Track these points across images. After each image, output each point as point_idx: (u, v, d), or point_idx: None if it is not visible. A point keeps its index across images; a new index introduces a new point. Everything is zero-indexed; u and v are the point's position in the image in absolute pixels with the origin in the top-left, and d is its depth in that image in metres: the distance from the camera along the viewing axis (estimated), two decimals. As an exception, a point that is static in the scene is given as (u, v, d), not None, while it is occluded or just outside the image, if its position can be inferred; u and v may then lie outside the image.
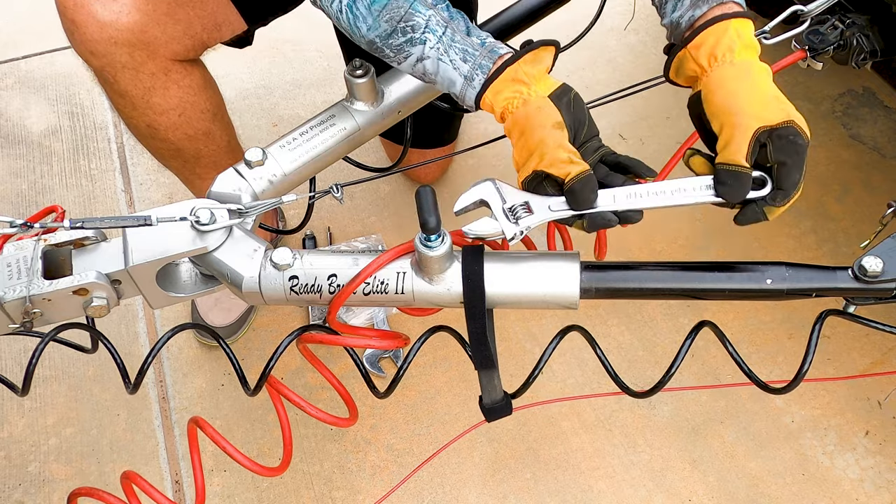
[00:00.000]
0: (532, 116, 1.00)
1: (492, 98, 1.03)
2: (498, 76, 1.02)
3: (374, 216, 2.16)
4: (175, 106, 1.51)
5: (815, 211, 2.10)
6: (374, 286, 1.00)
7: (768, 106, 0.98)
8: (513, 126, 1.02)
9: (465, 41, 1.05)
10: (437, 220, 0.93)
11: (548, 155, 0.98)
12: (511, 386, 1.12)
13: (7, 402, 1.86)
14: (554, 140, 0.98)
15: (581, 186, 0.96)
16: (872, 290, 0.96)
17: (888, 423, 1.76)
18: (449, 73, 1.06)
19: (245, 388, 1.11)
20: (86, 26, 1.36)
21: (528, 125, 1.00)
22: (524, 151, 1.01)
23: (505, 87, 1.02)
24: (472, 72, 1.04)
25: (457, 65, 1.05)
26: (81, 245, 1.03)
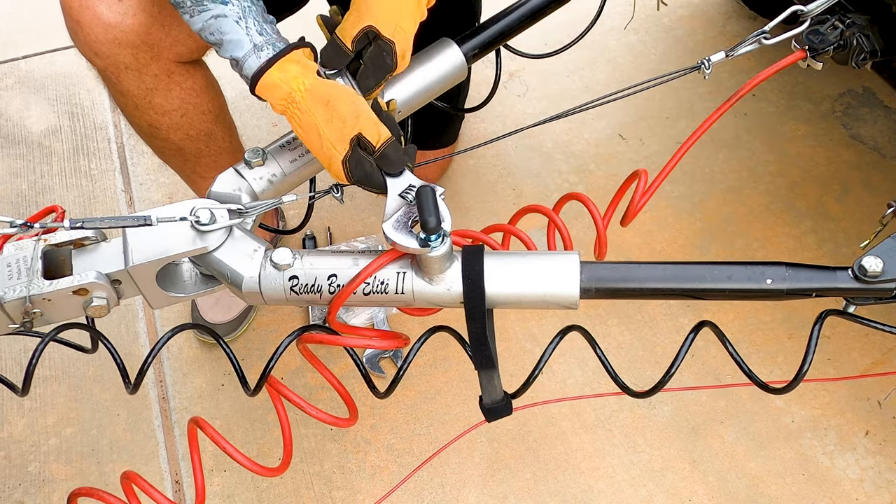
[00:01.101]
0: (335, 87, 1.06)
1: (279, 75, 1.07)
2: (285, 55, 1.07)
3: (374, 216, 2.16)
4: (177, 107, 1.51)
5: (815, 211, 2.10)
6: (374, 286, 1.00)
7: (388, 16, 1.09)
8: (314, 100, 1.05)
9: (264, 19, 1.11)
10: (437, 220, 0.93)
11: (362, 116, 1.02)
12: (511, 386, 1.12)
13: (7, 402, 1.86)
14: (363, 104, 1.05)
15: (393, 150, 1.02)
16: (872, 291, 0.96)
17: (888, 423, 1.76)
18: (239, 36, 1.09)
19: (245, 388, 1.11)
20: (90, 27, 1.36)
21: (334, 94, 1.04)
22: (335, 121, 1.03)
23: (293, 67, 1.07)
24: (264, 43, 1.09)
25: (251, 32, 1.09)
26: (81, 245, 1.03)
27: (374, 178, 1.04)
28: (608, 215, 1.28)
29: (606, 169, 2.20)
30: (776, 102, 2.36)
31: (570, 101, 2.32)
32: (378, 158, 1.02)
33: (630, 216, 1.26)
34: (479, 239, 1.12)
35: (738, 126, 2.29)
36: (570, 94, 2.37)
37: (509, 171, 2.22)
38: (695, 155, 2.16)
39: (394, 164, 1.02)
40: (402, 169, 1.03)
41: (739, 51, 1.20)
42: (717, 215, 2.11)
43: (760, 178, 2.18)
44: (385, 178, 1.04)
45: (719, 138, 2.25)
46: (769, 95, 2.37)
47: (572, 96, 2.35)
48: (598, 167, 2.21)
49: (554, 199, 1.29)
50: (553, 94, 2.37)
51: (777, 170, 2.20)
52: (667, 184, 1.97)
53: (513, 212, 1.27)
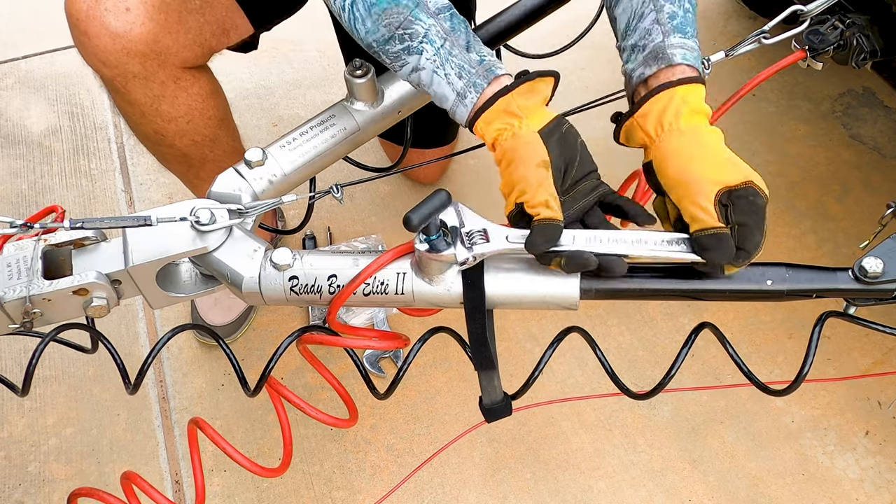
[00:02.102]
0: (519, 150, 0.99)
1: (483, 128, 1.02)
2: (490, 106, 1.00)
3: (374, 216, 2.16)
4: (183, 113, 1.51)
5: (815, 211, 2.10)
6: (374, 287, 1.00)
7: (724, 169, 0.97)
8: (501, 157, 1.01)
9: (462, 56, 1.03)
10: (420, 219, 0.92)
11: (527, 193, 0.96)
12: (511, 386, 1.12)
13: (7, 402, 1.86)
14: (536, 179, 0.97)
15: (539, 232, 0.95)
16: (873, 291, 0.96)
17: (888, 423, 1.76)
18: (442, 88, 1.04)
19: (245, 388, 1.11)
20: (98, 37, 1.35)
21: (514, 159, 0.99)
22: (508, 184, 0.99)
23: (496, 118, 1.01)
24: (465, 89, 1.02)
25: (451, 80, 1.03)
26: (81, 245, 1.03)
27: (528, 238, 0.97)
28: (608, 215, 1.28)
29: (606, 169, 2.18)
30: (776, 102, 2.36)
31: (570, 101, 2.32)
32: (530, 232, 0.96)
33: (630, 216, 1.26)
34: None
35: (738, 126, 2.29)
36: (570, 94, 2.36)
37: (509, 171, 2.22)
38: (695, 155, 2.15)
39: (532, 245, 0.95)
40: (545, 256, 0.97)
41: (739, 51, 1.20)
42: (717, 215, 2.11)
43: (760, 178, 2.18)
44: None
45: (719, 138, 2.25)
46: (769, 95, 2.37)
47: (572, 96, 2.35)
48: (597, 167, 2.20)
49: (554, 200, 1.29)
50: (553, 94, 2.37)
51: (777, 170, 2.20)
52: (667, 184, 1.97)
53: (513, 212, 1.27)
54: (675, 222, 1.01)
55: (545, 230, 0.95)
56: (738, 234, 0.95)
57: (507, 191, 0.99)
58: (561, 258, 0.96)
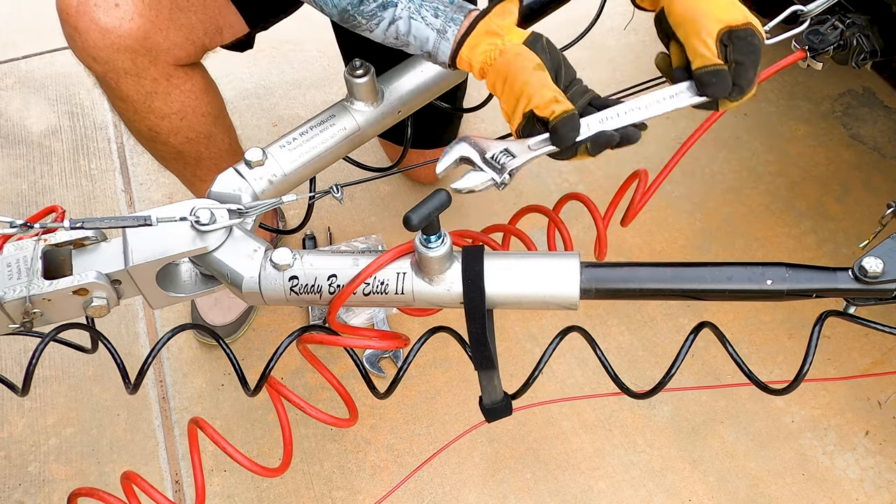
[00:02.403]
0: (512, 62, 1.03)
1: (468, 54, 1.06)
2: (471, 31, 1.05)
3: (374, 216, 2.16)
4: (176, 110, 1.51)
5: (815, 211, 2.10)
6: (374, 287, 1.00)
7: (727, 8, 1.03)
8: (496, 77, 1.04)
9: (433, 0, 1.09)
10: (420, 219, 0.92)
11: (535, 96, 1.00)
12: (511, 386, 1.12)
13: (7, 402, 1.86)
14: (538, 80, 1.01)
15: (563, 125, 0.98)
16: (873, 291, 0.96)
17: (888, 423, 1.76)
18: (422, 31, 1.08)
19: (245, 388, 1.11)
20: (88, 33, 1.36)
21: (510, 71, 1.02)
22: (511, 98, 1.02)
23: (480, 41, 1.05)
24: (444, 25, 1.07)
25: (429, 21, 1.07)
26: (81, 245, 1.03)
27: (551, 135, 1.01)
28: (608, 215, 1.29)
29: (606, 169, 2.20)
30: (776, 102, 2.36)
31: (570, 101, 2.32)
32: (551, 132, 1.00)
33: (630, 216, 1.27)
34: (479, 239, 1.12)
35: (738, 126, 2.29)
36: (570, 94, 2.36)
37: (509, 171, 2.22)
38: (695, 155, 2.16)
39: (563, 140, 1.00)
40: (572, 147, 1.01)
41: (739, 50, 1.20)
42: (717, 215, 2.11)
43: (760, 178, 2.18)
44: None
45: (719, 138, 2.25)
46: (769, 95, 2.36)
47: (572, 96, 2.35)
48: (598, 167, 2.21)
49: (554, 199, 1.29)
50: (553, 94, 2.37)
51: (777, 170, 2.20)
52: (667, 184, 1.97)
53: (513, 212, 1.28)
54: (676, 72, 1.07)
55: (568, 121, 0.99)
56: (735, 72, 1.01)
57: (512, 105, 1.02)
58: (586, 143, 1.01)
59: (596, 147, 1.01)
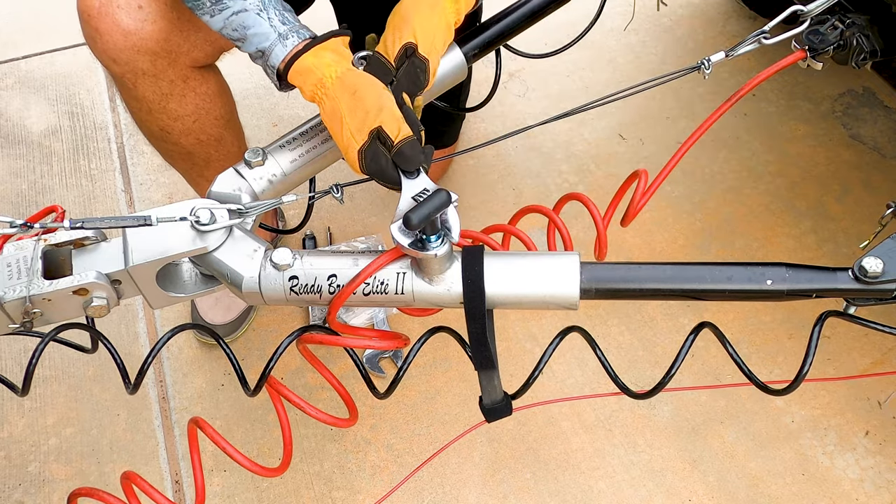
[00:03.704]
0: (362, 77, 1.07)
1: (313, 60, 1.07)
2: (321, 42, 1.08)
3: (374, 216, 2.16)
4: (190, 112, 1.51)
5: (815, 211, 2.10)
6: (373, 287, 1.00)
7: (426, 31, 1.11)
8: (342, 90, 1.05)
9: (283, 7, 1.11)
10: (420, 219, 0.92)
11: (385, 111, 1.02)
12: (511, 386, 1.12)
13: (7, 402, 1.86)
14: (389, 100, 1.04)
15: (409, 147, 1.01)
16: (873, 291, 0.96)
17: (888, 423, 1.76)
18: (264, 28, 1.10)
19: (245, 388, 1.11)
20: (109, 34, 1.36)
21: (361, 85, 1.05)
22: (360, 111, 1.04)
23: (327, 54, 1.08)
24: (288, 32, 1.10)
25: (274, 23, 1.10)
26: (81, 245, 1.03)
27: (387, 172, 1.03)
28: (608, 215, 1.28)
29: (606, 169, 2.20)
30: (776, 102, 2.36)
31: (570, 101, 2.32)
32: (395, 154, 1.01)
33: (630, 216, 1.26)
34: (479, 239, 1.12)
35: (738, 126, 2.29)
36: (570, 94, 2.37)
37: (509, 171, 2.22)
38: (695, 155, 2.16)
39: (409, 161, 1.01)
40: (418, 168, 1.02)
41: (739, 51, 1.20)
42: (717, 215, 2.11)
43: (760, 178, 2.18)
44: (400, 177, 1.03)
45: (719, 138, 2.25)
46: (769, 95, 2.37)
47: (572, 96, 2.35)
48: (598, 167, 2.21)
49: (554, 199, 1.29)
50: (553, 94, 2.37)
51: (777, 170, 2.20)
52: (667, 184, 1.97)
53: (513, 212, 1.27)
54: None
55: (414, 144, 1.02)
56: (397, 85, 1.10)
57: (360, 119, 1.03)
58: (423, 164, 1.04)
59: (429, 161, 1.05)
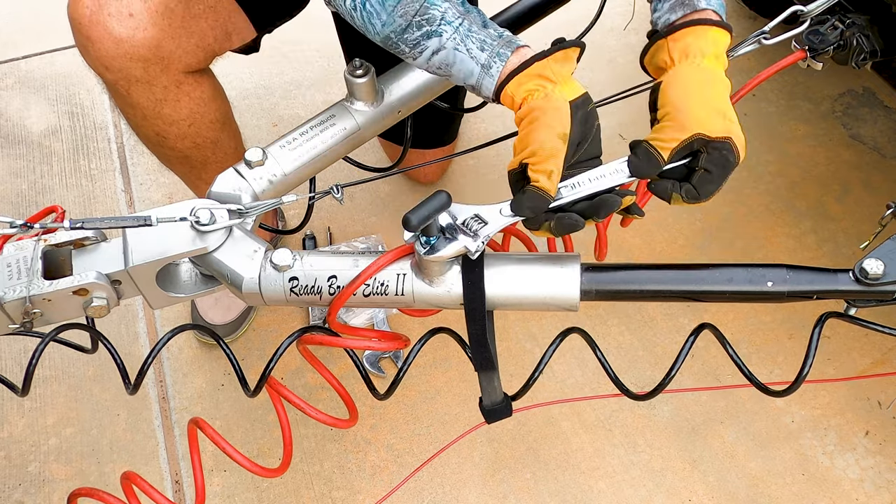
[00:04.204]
0: (547, 113, 1.00)
1: (514, 89, 1.03)
2: (525, 69, 1.02)
3: (374, 216, 2.16)
4: (185, 117, 1.51)
5: (815, 211, 2.10)
6: (374, 288, 1.00)
7: (713, 117, 1.01)
8: (526, 114, 1.02)
9: (481, 32, 1.05)
10: (419, 220, 0.92)
11: (537, 156, 0.99)
12: (511, 386, 1.12)
13: (7, 402, 1.86)
14: (552, 147, 0.99)
15: (529, 198, 0.98)
16: (873, 293, 0.96)
17: (888, 423, 1.76)
18: (466, 63, 1.05)
19: (245, 388, 1.11)
20: (101, 42, 1.35)
21: (538, 119, 1.00)
22: (524, 142, 1.01)
23: (529, 80, 1.02)
24: (489, 60, 1.04)
25: (474, 54, 1.04)
26: (81, 245, 1.03)
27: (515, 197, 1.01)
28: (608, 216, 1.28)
29: (606, 169, 2.19)
30: (776, 102, 2.36)
31: (570, 100, 2.32)
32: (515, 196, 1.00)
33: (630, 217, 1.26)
34: (479, 240, 1.11)
35: (738, 126, 2.28)
36: (570, 93, 2.36)
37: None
38: (695, 155, 2.16)
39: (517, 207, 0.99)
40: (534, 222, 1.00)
41: (739, 51, 1.20)
42: (716, 215, 2.11)
43: (760, 178, 2.18)
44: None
45: (719, 138, 2.25)
46: (769, 95, 2.36)
47: (572, 96, 2.35)
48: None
49: (554, 200, 1.29)
50: (553, 94, 2.37)
51: (777, 170, 2.20)
52: (667, 184, 1.97)
53: (513, 212, 1.27)
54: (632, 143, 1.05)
55: (534, 198, 0.98)
56: (700, 178, 1.02)
57: (521, 148, 1.01)
58: (550, 222, 1.00)
59: (559, 229, 1.00)
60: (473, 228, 0.98)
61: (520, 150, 1.01)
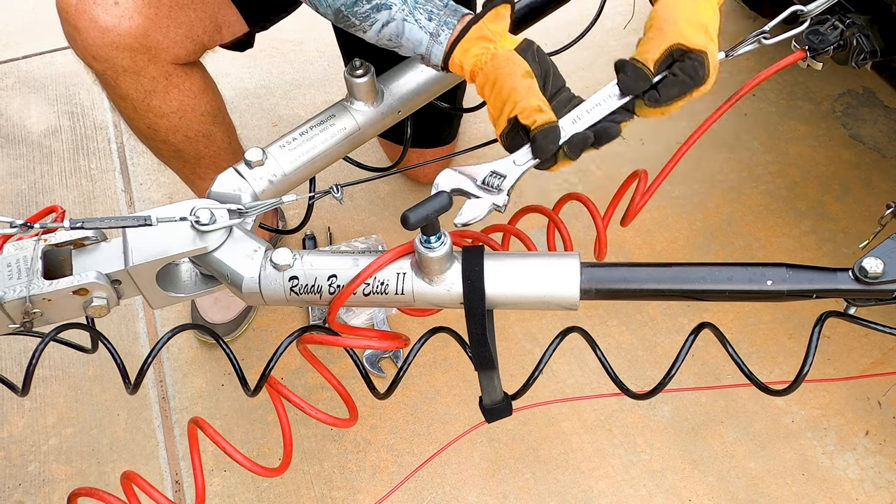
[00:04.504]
0: (502, 67, 1.04)
1: (461, 57, 1.07)
2: (464, 35, 1.06)
3: (374, 216, 2.16)
4: (175, 109, 1.51)
5: (815, 211, 2.10)
6: (374, 287, 1.00)
7: (695, 30, 1.05)
8: (484, 81, 1.05)
9: (428, 2, 1.09)
10: (418, 219, 0.92)
11: (520, 102, 1.01)
12: (511, 386, 1.12)
13: (7, 402, 1.86)
14: (525, 87, 1.02)
15: (543, 136, 1.01)
16: (873, 292, 0.96)
17: (888, 423, 1.76)
18: (415, 34, 1.09)
19: (245, 388, 1.11)
20: (87, 31, 1.36)
21: (499, 76, 1.03)
22: (498, 102, 1.04)
23: (472, 45, 1.06)
24: (437, 28, 1.08)
25: (422, 24, 1.08)
26: (81, 245, 1.03)
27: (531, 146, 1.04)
28: (608, 215, 1.28)
29: (606, 169, 2.20)
30: (776, 102, 2.36)
31: (570, 100, 2.32)
32: (531, 141, 1.02)
33: (630, 216, 1.26)
34: (479, 239, 1.12)
35: (738, 126, 2.29)
36: (570, 93, 2.36)
37: (509, 171, 2.22)
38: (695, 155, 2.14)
39: (541, 151, 1.02)
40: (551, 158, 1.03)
41: (739, 51, 1.20)
42: (717, 215, 2.11)
43: (760, 178, 2.18)
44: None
45: (719, 138, 2.25)
46: (769, 95, 2.37)
47: (572, 96, 2.35)
48: (598, 167, 2.21)
49: (554, 200, 1.29)
50: (553, 94, 2.37)
51: (777, 170, 2.20)
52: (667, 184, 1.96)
53: (513, 212, 1.27)
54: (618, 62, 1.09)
55: (549, 133, 1.01)
56: (665, 82, 1.05)
57: (498, 109, 1.04)
58: (563, 148, 1.03)
59: (574, 150, 1.03)
60: (494, 185, 1.01)
61: (498, 111, 1.03)
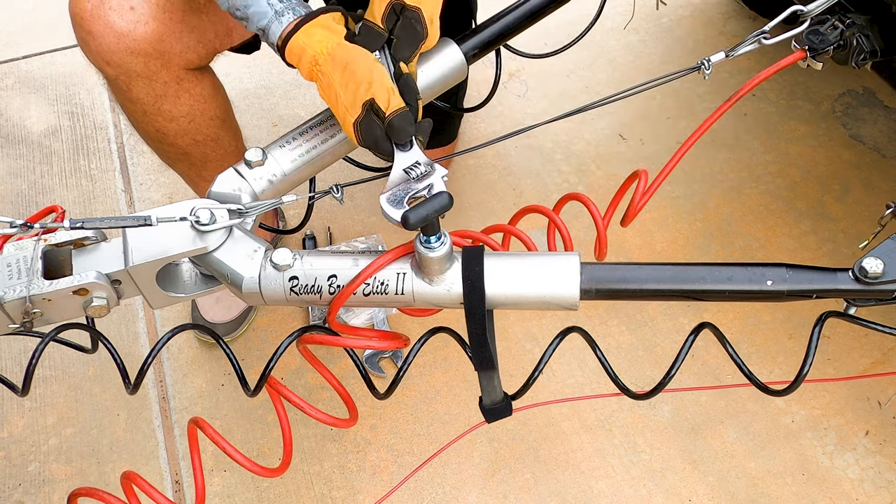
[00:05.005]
0: (354, 51, 1.06)
1: (305, 39, 1.08)
2: (311, 19, 1.08)
3: (375, 216, 2.16)
4: (185, 113, 1.51)
5: (815, 211, 2.10)
6: (374, 287, 1.00)
7: None
8: (334, 66, 1.06)
9: None
10: (417, 219, 0.92)
11: (376, 83, 1.03)
12: (511, 386, 1.12)
13: (7, 402, 1.86)
14: (380, 71, 1.04)
15: (399, 119, 1.02)
16: (873, 292, 0.96)
17: (888, 423, 1.76)
18: (261, 6, 1.11)
19: (245, 388, 1.11)
20: (102, 37, 1.36)
21: (351, 59, 1.05)
22: (351, 86, 1.04)
23: (317, 31, 1.08)
24: (284, 9, 1.10)
25: (272, 1, 1.11)
26: (81, 245, 1.03)
27: (381, 144, 1.04)
28: (608, 215, 1.28)
29: (606, 169, 2.20)
30: (776, 102, 2.36)
31: (570, 101, 2.32)
32: (387, 126, 1.03)
33: (630, 216, 1.26)
34: (479, 239, 1.12)
35: (738, 126, 2.29)
36: (570, 94, 2.36)
37: (509, 171, 2.22)
38: (695, 155, 2.16)
39: (399, 133, 1.03)
40: (409, 140, 1.04)
41: (739, 51, 1.20)
42: (717, 215, 2.11)
43: (760, 178, 2.18)
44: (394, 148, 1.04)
45: (719, 138, 2.25)
46: (769, 95, 2.37)
47: (572, 96, 2.35)
48: (598, 167, 2.21)
49: (554, 199, 1.29)
50: (553, 94, 2.37)
51: (777, 170, 2.20)
52: (667, 184, 1.97)
53: (513, 212, 1.27)
54: None
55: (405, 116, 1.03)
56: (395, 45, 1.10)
57: (351, 94, 1.04)
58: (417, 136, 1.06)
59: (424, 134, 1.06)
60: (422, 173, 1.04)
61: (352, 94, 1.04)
